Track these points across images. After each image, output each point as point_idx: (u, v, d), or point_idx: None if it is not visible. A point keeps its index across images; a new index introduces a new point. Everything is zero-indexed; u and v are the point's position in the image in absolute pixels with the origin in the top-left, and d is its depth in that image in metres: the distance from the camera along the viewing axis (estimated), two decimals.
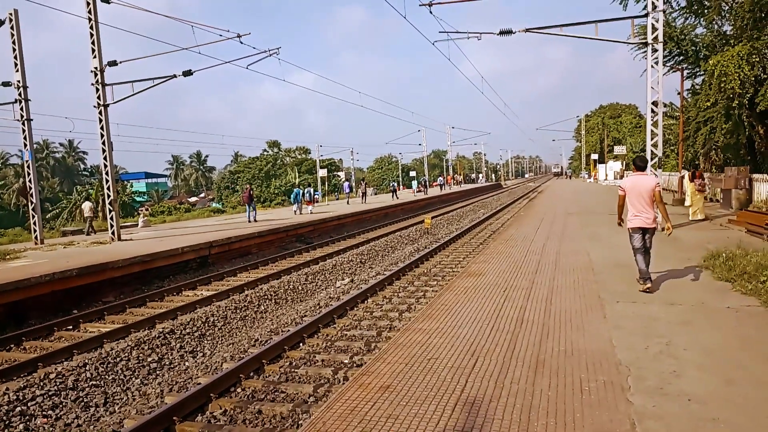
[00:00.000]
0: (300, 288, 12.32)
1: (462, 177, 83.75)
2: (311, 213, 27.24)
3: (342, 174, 65.29)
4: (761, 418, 3.64)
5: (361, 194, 38.87)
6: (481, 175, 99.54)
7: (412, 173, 73.59)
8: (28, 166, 17.49)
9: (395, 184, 46.73)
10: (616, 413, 3.80)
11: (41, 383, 6.89)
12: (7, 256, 14.25)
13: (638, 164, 7.74)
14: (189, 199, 68.45)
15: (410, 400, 4.17)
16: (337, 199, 47.69)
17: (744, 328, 5.54)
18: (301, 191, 29.06)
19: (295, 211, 27.84)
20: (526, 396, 4.14)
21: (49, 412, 6.30)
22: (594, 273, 8.73)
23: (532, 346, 5.31)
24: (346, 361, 7.17)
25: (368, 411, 4.01)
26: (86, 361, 7.63)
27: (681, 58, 21.82)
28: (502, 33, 15.00)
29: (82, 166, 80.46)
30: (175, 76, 17.42)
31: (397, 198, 40.20)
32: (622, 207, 7.76)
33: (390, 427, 3.73)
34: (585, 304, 6.83)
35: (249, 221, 23.55)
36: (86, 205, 22.12)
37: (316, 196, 28.62)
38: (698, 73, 22.54)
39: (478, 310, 6.78)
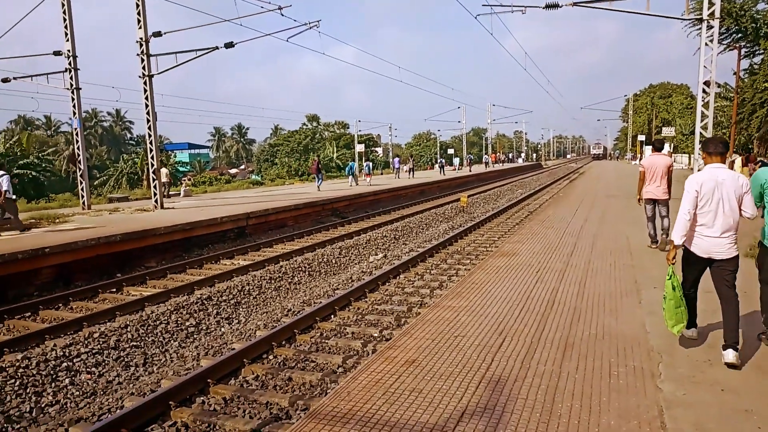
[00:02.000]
0: (333, 261, 12.47)
1: (504, 156, 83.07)
2: (369, 185, 29.56)
3: (380, 150, 65.22)
4: None
5: (409, 169, 40.44)
6: (522, 154, 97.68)
7: (450, 150, 73.19)
8: (77, 134, 18.13)
9: (443, 161, 48.72)
10: (644, 399, 3.74)
11: (86, 341, 7.25)
12: (57, 220, 14.92)
13: (656, 146, 9.34)
14: (230, 171, 69.77)
15: (434, 375, 4.21)
16: (382, 173, 48.77)
17: None
18: (356, 165, 32.02)
19: (350, 184, 29.68)
20: (552, 378, 4.11)
21: (93, 369, 6.65)
22: (632, 257, 8.52)
23: (562, 328, 5.26)
24: (376, 335, 7.26)
25: (392, 384, 4.07)
26: (128, 322, 7.98)
27: (739, 35, 20.68)
28: (547, 6, 14.51)
29: (128, 135, 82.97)
30: (217, 47, 17.62)
31: (444, 174, 41.58)
32: (642, 181, 9.13)
33: (413, 400, 3.78)
34: (620, 288, 6.69)
35: (318, 189, 26.11)
36: (163, 171, 24.83)
37: (364, 171, 31.54)
38: (757, 52, 21.35)
39: (509, 290, 6.73)
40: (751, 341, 4.80)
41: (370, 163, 33.76)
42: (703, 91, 13.26)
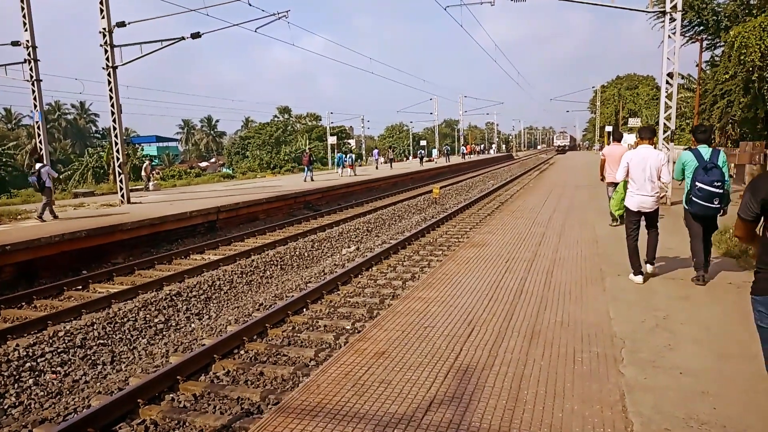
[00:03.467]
0: (306, 254, 12.42)
1: (479, 147, 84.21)
2: (353, 175, 31.56)
3: (353, 142, 65.10)
4: (750, 391, 3.68)
5: (388, 160, 43.83)
6: (493, 146, 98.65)
7: (423, 142, 73.71)
8: (39, 127, 17.56)
9: (423, 152, 51.19)
10: (606, 384, 3.85)
11: (50, 340, 7.08)
12: (19, 216, 14.49)
13: (615, 136, 11.46)
14: (200, 164, 68.59)
15: (404, 366, 4.25)
16: (361, 165, 49.70)
17: (743, 303, 5.52)
18: (344, 156, 34.03)
19: (339, 174, 31.78)
20: (519, 365, 4.20)
21: (58, 368, 6.50)
22: (598, 246, 8.72)
23: (529, 317, 5.36)
24: (348, 327, 7.28)
25: (362, 376, 4.09)
26: (94, 320, 7.82)
27: (701, 28, 21.21)
28: None
29: (93, 128, 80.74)
30: (183, 38, 17.26)
31: (423, 164, 44.17)
32: (603, 167, 10.75)
33: (382, 391, 3.82)
34: (586, 276, 6.84)
35: (305, 180, 27.01)
36: (144, 165, 26.23)
37: (347, 162, 33.16)
38: (718, 44, 21.93)
39: (479, 281, 6.82)
40: (713, 331, 4.97)
41: (353, 155, 35.98)
42: (667, 82, 13.57)
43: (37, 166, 13.86)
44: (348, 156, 33.99)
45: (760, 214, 2.80)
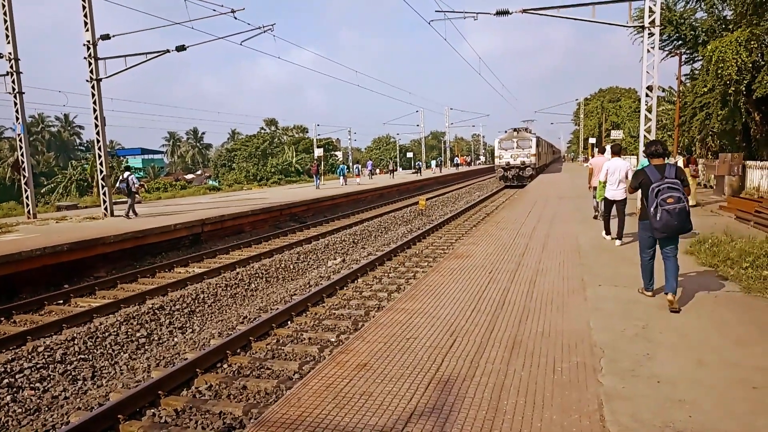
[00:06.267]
0: (291, 267, 12.39)
1: (470, 159, 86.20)
2: (359, 183, 34.77)
3: (340, 154, 65.27)
4: (726, 398, 3.74)
5: (390, 171, 47.23)
6: (481, 157, 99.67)
7: (410, 154, 74.46)
8: (21, 140, 17.39)
9: (420, 163, 53.71)
10: (585, 393, 3.88)
11: (29, 356, 6.97)
12: None
13: (600, 149, 13.30)
14: (186, 176, 68.05)
15: (385, 378, 4.25)
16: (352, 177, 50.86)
17: (721, 312, 5.63)
18: (346, 167, 37.44)
19: (341, 184, 34.28)
20: (500, 376, 4.22)
21: (37, 384, 6.40)
22: (580, 256, 8.80)
23: (511, 327, 5.40)
24: (333, 340, 7.27)
25: (343, 388, 4.09)
26: (75, 335, 7.72)
27: (680, 42, 21.65)
28: (498, 13, 14.87)
29: (77, 141, 79.93)
30: (168, 51, 17.25)
31: (421, 175, 46.79)
32: (590, 176, 11.93)
33: (363, 404, 3.82)
34: (568, 286, 6.91)
35: (317, 188, 30.42)
36: (131, 178, 26.98)
37: (354, 172, 36.86)
38: (696, 58, 22.38)
39: (462, 292, 6.86)
40: (690, 340, 5.04)
41: (359, 165, 40.40)
42: (646, 95, 13.83)
43: (125, 174, 17.15)
44: (354, 166, 38.03)
45: (638, 188, 5.92)
